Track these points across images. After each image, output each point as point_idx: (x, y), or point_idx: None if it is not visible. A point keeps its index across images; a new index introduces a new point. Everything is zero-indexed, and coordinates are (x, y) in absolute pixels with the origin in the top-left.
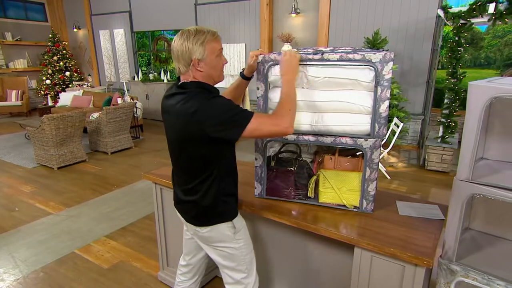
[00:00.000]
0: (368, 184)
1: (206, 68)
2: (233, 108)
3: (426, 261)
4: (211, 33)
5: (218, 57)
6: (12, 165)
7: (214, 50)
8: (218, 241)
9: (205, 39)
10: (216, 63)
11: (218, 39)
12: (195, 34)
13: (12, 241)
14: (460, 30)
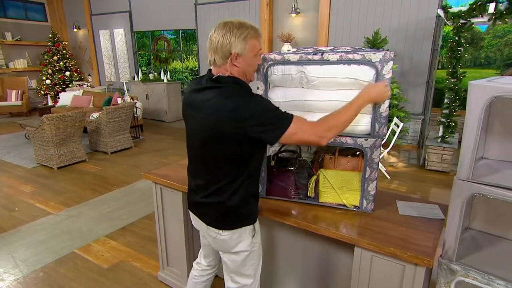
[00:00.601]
0: (368, 184)
1: (243, 64)
2: (275, 108)
3: (426, 261)
4: (254, 30)
5: (256, 56)
6: (12, 165)
7: (254, 48)
8: (235, 244)
9: (248, 34)
10: (253, 61)
11: (259, 37)
12: (238, 27)
13: (12, 241)
14: (460, 30)
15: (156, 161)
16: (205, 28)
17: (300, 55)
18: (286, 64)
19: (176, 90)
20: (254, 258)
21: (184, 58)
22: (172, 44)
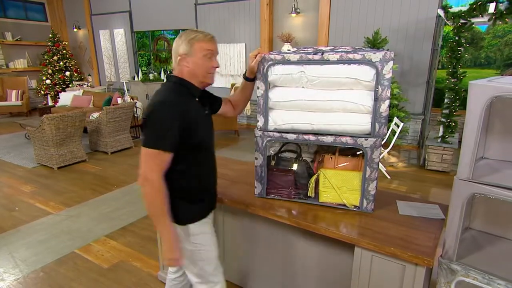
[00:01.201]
0: (369, 184)
1: (191, 65)
2: (160, 128)
3: (427, 261)
4: (204, 35)
5: (206, 57)
6: (12, 165)
7: (201, 49)
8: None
9: (195, 37)
10: (202, 62)
11: (210, 41)
12: (187, 33)
13: (12, 241)
14: (461, 30)
15: None
16: (205, 28)
17: (300, 55)
18: (286, 64)
19: None
20: (199, 260)
21: None
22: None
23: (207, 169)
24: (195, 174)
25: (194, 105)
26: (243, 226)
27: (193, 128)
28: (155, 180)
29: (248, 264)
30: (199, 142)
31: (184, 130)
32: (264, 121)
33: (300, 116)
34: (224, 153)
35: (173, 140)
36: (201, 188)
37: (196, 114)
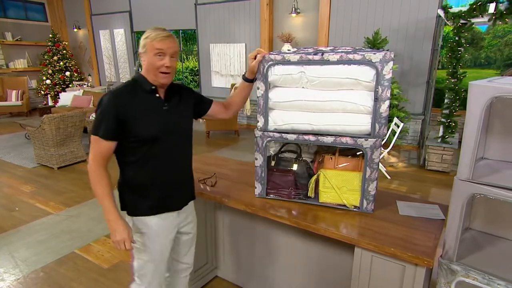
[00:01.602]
0: (369, 184)
1: (146, 63)
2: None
3: (427, 261)
4: (156, 33)
5: (156, 56)
6: (12, 165)
7: (152, 48)
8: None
9: (148, 36)
10: (153, 61)
11: (162, 40)
12: (146, 31)
13: (12, 241)
14: (461, 30)
15: None
16: (205, 28)
17: (300, 55)
18: (286, 64)
19: None
20: (138, 257)
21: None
22: None
23: (161, 165)
24: (144, 169)
25: (143, 99)
26: (243, 226)
27: (133, 121)
28: (91, 165)
29: (248, 264)
30: (149, 137)
31: (123, 121)
32: (264, 121)
33: (300, 117)
34: (224, 153)
35: (109, 128)
36: (150, 184)
37: (142, 108)
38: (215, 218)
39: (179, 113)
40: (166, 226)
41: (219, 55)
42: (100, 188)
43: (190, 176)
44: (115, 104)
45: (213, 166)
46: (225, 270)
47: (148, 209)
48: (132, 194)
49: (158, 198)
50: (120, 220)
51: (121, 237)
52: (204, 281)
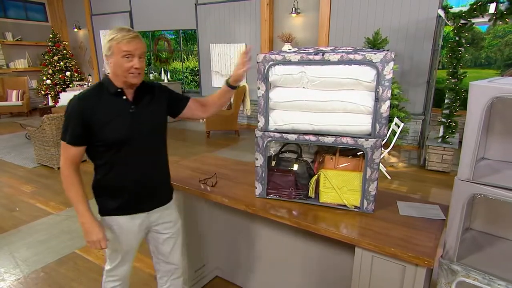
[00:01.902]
0: (369, 184)
1: (113, 65)
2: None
3: (427, 261)
4: (122, 35)
5: (125, 58)
6: (13, 165)
7: (119, 51)
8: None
9: (113, 38)
10: (121, 63)
11: (129, 43)
12: (110, 32)
13: (12, 241)
14: (461, 30)
15: None
16: (205, 28)
17: (301, 55)
18: (287, 64)
19: (176, 90)
20: (109, 251)
21: (185, 58)
22: (173, 44)
23: (129, 168)
24: (112, 171)
25: (109, 102)
26: (243, 226)
27: (98, 125)
28: (63, 170)
29: (248, 264)
30: (114, 141)
31: (88, 126)
32: (264, 121)
33: (301, 117)
34: (224, 153)
35: (75, 134)
36: (118, 186)
37: (107, 111)
38: (215, 218)
39: (149, 114)
40: (133, 226)
41: (220, 55)
42: (73, 192)
43: (163, 177)
44: (80, 108)
45: (213, 166)
46: (225, 270)
47: (115, 209)
48: (102, 194)
49: (126, 199)
50: (94, 221)
51: (97, 237)
52: (204, 281)
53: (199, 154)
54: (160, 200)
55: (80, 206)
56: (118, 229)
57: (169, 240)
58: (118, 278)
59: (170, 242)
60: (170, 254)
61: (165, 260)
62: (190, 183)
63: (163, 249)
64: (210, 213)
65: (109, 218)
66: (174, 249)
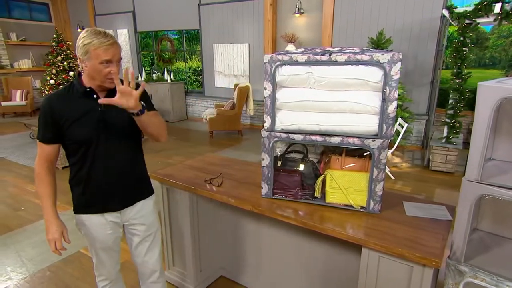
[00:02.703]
0: (376, 185)
1: (89, 69)
2: (38, 120)
3: (435, 262)
4: (100, 41)
5: (102, 64)
6: (17, 165)
7: (97, 57)
8: None
9: (90, 43)
10: (99, 69)
11: (107, 50)
12: (86, 36)
13: (18, 240)
14: (466, 30)
15: (159, 161)
16: (208, 28)
17: (308, 56)
18: (293, 64)
19: (179, 90)
20: (88, 248)
21: (187, 58)
22: (176, 44)
23: (99, 167)
24: (83, 169)
25: (78, 102)
26: (248, 226)
27: (68, 124)
28: (36, 167)
29: (252, 264)
30: (83, 139)
31: (58, 125)
32: (271, 121)
33: (307, 117)
34: (227, 153)
35: (46, 132)
36: (88, 184)
37: (77, 111)
38: (219, 217)
39: (119, 113)
40: (104, 224)
41: (223, 55)
42: (41, 188)
43: (136, 176)
44: (51, 108)
45: (219, 166)
46: (229, 270)
47: (86, 207)
48: (74, 192)
49: (96, 198)
50: (54, 220)
51: (52, 236)
52: (208, 281)
53: (202, 154)
54: (132, 199)
55: (45, 203)
56: (90, 227)
57: (143, 242)
58: (105, 278)
59: (145, 244)
60: (145, 257)
61: (139, 261)
62: (195, 183)
63: (138, 251)
64: (214, 213)
65: (81, 216)
66: (148, 253)
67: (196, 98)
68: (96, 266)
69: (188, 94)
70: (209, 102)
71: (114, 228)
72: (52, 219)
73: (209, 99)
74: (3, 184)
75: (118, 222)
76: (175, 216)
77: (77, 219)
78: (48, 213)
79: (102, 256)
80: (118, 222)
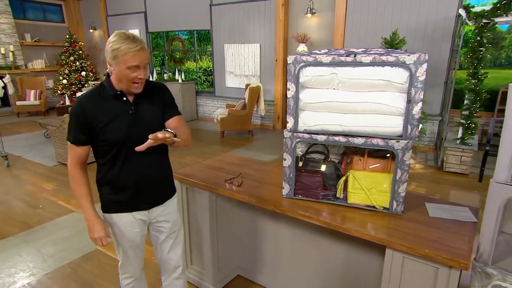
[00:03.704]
0: (399, 185)
1: (117, 72)
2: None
3: (463, 264)
4: (128, 47)
5: (130, 69)
6: (33, 163)
7: (125, 62)
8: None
9: (119, 49)
10: (126, 73)
11: (134, 56)
12: (114, 41)
13: (38, 237)
14: (483, 30)
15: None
16: (220, 28)
17: (333, 57)
18: (318, 65)
19: (190, 90)
20: (115, 247)
21: (198, 58)
22: (186, 44)
23: (129, 168)
24: (112, 170)
25: (109, 104)
26: (265, 225)
27: (100, 126)
28: (69, 168)
29: (270, 264)
30: (115, 141)
31: (90, 127)
32: (294, 122)
33: (331, 118)
34: (238, 153)
35: (78, 134)
36: (118, 184)
37: (108, 113)
38: (237, 217)
39: (149, 115)
40: (133, 223)
41: (234, 55)
42: (78, 189)
43: (163, 176)
44: (82, 110)
45: (237, 166)
46: (246, 269)
47: (116, 207)
48: (103, 192)
49: (127, 197)
50: (97, 219)
51: (98, 235)
52: (226, 280)
53: (214, 154)
54: (160, 199)
55: (84, 202)
56: (120, 225)
57: (168, 239)
58: (130, 275)
59: (169, 241)
60: (169, 253)
61: (163, 258)
62: (216, 182)
63: (162, 247)
64: (232, 212)
65: (110, 215)
66: (172, 249)
67: (207, 98)
68: (122, 264)
69: (198, 94)
70: (220, 102)
71: (141, 226)
72: (95, 219)
73: (219, 99)
74: (21, 182)
75: (146, 220)
76: (194, 215)
77: (106, 218)
78: (89, 213)
79: (129, 254)
80: (145, 220)
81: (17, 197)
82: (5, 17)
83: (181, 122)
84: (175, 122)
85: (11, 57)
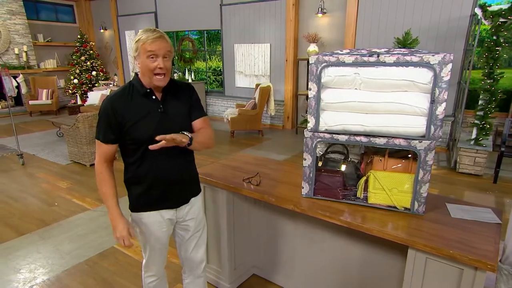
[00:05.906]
0: (421, 186)
1: (141, 66)
2: (99, 120)
3: (490, 265)
4: (147, 35)
5: (149, 59)
6: (47, 162)
7: (144, 51)
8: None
9: (139, 39)
10: (146, 64)
11: (153, 42)
12: (138, 34)
13: (54, 235)
14: (500, 29)
15: None
16: (230, 28)
17: (355, 57)
18: (340, 65)
19: (200, 89)
20: (140, 239)
21: (208, 58)
22: (196, 44)
23: (157, 166)
24: (141, 168)
25: (138, 102)
26: (282, 225)
27: (129, 125)
28: (97, 168)
29: (286, 263)
30: (144, 139)
31: (119, 125)
32: (315, 122)
33: (352, 118)
34: (249, 153)
35: (107, 132)
36: (147, 183)
37: (137, 111)
38: (253, 216)
39: (176, 113)
40: (161, 222)
41: (244, 55)
42: (104, 188)
43: (190, 175)
44: (112, 109)
45: (254, 165)
46: (262, 268)
47: (144, 205)
48: (131, 190)
49: (155, 196)
50: (121, 219)
51: (120, 235)
52: (242, 278)
53: (224, 153)
54: (186, 196)
55: (109, 203)
56: (148, 225)
57: (193, 238)
58: (154, 274)
59: (194, 239)
60: (193, 251)
61: (187, 256)
62: (234, 181)
63: (187, 245)
64: (249, 211)
65: (138, 214)
66: (197, 246)
67: (216, 97)
68: (147, 263)
69: (208, 93)
70: (230, 102)
71: (168, 226)
72: (119, 218)
73: (229, 99)
74: (36, 180)
75: (173, 219)
76: (211, 214)
77: (134, 217)
78: (113, 213)
79: (155, 253)
80: (172, 219)
81: (33, 195)
82: (19, 18)
83: (205, 124)
84: (201, 123)
85: (24, 57)
